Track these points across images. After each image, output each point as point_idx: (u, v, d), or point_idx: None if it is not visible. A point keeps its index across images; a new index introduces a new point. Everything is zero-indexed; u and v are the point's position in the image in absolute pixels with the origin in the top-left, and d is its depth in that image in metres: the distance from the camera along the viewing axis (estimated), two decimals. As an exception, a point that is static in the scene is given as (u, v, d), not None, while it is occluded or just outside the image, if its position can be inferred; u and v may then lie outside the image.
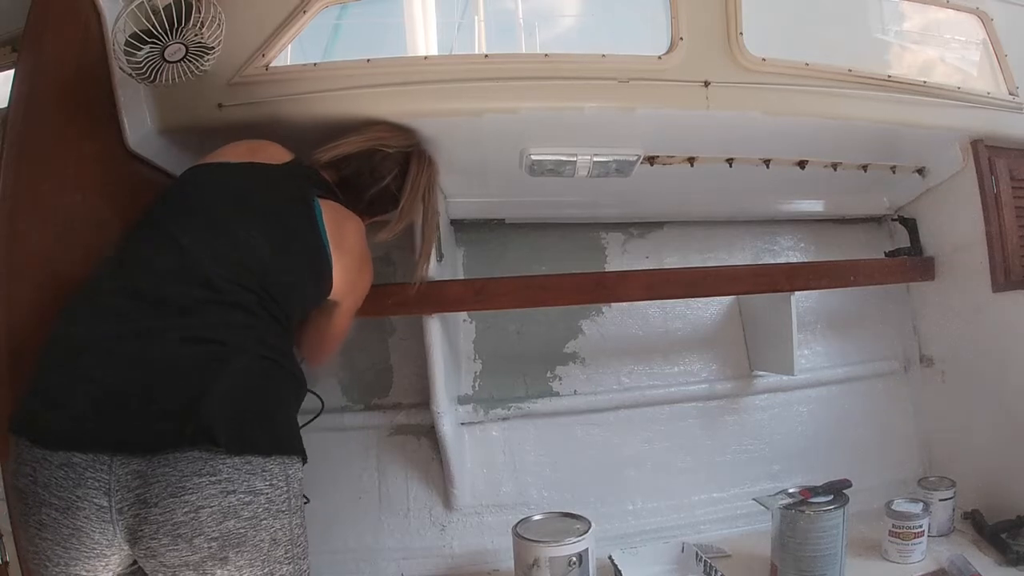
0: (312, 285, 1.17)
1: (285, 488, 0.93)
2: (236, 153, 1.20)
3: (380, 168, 1.33)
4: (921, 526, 1.58)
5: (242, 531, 0.88)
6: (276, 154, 1.23)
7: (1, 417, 0.95)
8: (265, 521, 0.90)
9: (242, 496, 0.88)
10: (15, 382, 0.99)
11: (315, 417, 1.51)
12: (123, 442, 0.87)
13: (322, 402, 1.53)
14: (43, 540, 0.88)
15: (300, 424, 1.42)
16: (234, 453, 0.88)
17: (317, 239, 1.14)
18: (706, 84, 1.46)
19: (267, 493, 0.90)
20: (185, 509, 0.85)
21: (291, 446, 0.98)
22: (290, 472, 0.95)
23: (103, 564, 0.89)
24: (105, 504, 0.86)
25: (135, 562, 0.91)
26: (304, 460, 1.01)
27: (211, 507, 0.86)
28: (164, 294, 0.98)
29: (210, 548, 0.86)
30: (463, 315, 1.90)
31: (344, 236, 1.19)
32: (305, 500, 1.02)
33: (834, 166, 1.81)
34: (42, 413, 0.91)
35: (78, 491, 0.86)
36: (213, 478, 0.86)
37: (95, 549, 0.88)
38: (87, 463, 0.86)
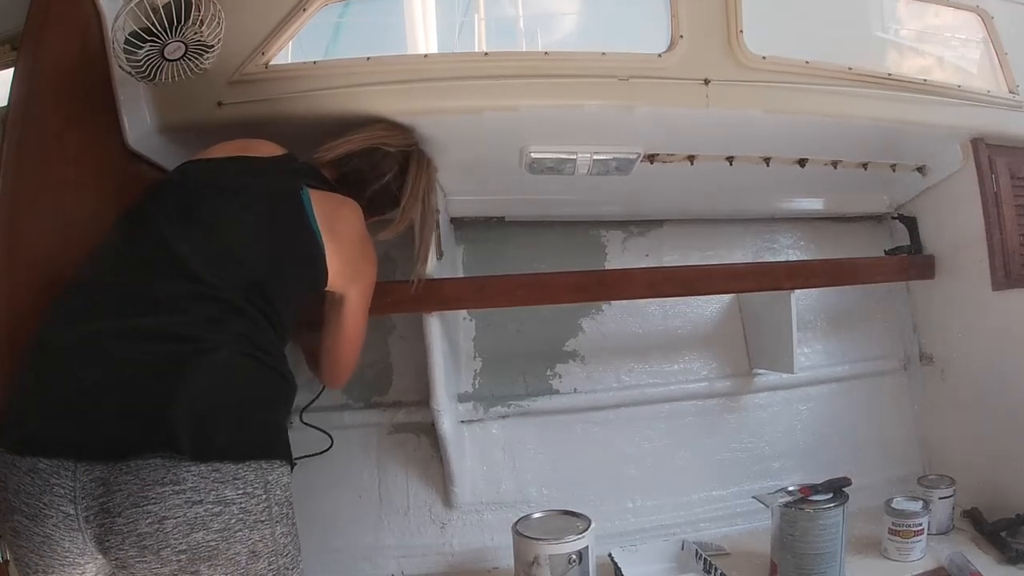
0: (303, 276, 1.14)
1: (263, 496, 0.88)
2: (226, 150, 1.20)
3: (381, 165, 1.33)
4: (921, 524, 1.58)
5: (213, 544, 0.83)
6: (267, 151, 1.23)
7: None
8: (240, 533, 0.85)
9: (210, 507, 0.83)
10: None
11: (326, 450, 1.57)
12: (86, 447, 0.83)
13: (331, 439, 1.59)
14: (18, 547, 0.86)
15: (320, 422, 1.46)
16: (200, 460, 0.82)
17: (307, 228, 1.12)
18: (706, 82, 1.46)
19: (240, 503, 0.85)
20: (148, 520, 0.81)
21: (270, 450, 0.92)
22: (270, 478, 0.89)
23: (78, 572, 0.86)
24: (72, 512, 0.83)
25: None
26: (291, 464, 0.96)
27: (175, 518, 0.81)
28: (148, 291, 0.95)
29: (179, 561, 0.82)
30: (463, 313, 1.89)
31: (338, 221, 1.17)
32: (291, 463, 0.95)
33: (834, 164, 1.81)
34: (11, 417, 0.88)
35: (44, 498, 0.83)
36: (176, 487, 0.81)
37: (67, 557, 0.85)
38: (52, 469, 0.83)
